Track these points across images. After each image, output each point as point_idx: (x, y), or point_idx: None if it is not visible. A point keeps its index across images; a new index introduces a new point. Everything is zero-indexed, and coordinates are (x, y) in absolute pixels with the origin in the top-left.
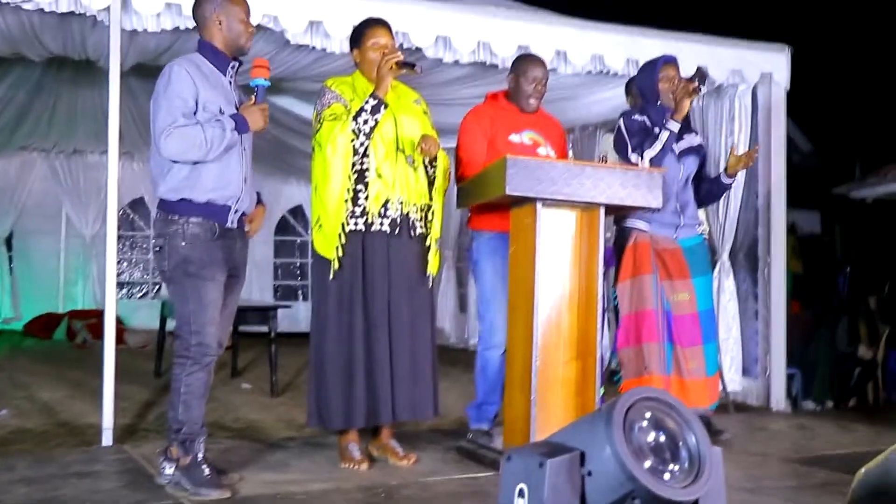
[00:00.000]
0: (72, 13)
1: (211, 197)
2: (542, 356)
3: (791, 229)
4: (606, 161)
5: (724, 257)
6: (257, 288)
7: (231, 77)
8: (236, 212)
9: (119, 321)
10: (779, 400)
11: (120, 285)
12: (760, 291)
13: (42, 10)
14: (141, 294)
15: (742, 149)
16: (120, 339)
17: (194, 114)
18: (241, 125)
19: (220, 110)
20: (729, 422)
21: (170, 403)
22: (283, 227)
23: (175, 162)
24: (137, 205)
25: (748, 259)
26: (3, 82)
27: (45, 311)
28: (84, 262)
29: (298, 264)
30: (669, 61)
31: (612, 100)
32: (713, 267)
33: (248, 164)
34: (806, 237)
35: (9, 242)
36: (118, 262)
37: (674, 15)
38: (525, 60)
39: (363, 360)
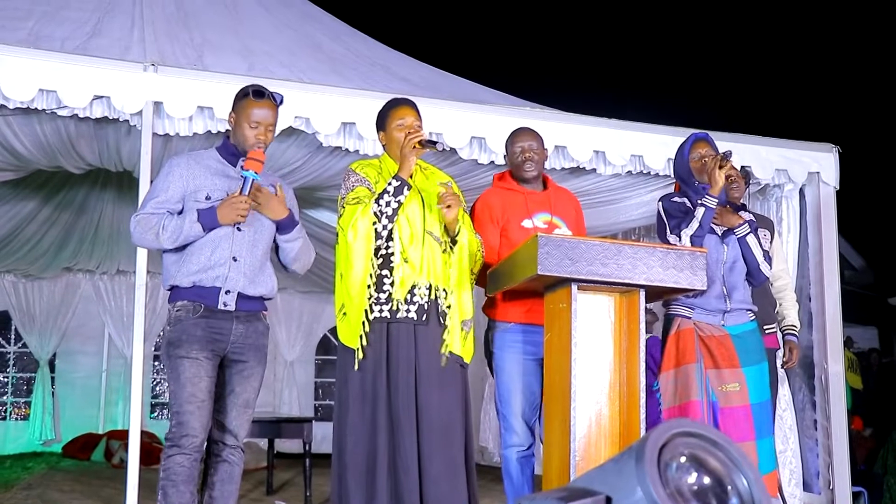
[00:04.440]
0: (106, 118)
1: (195, 279)
2: (581, 451)
3: (847, 343)
4: None
5: (778, 364)
6: (298, 407)
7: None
8: (228, 292)
9: (157, 441)
10: None
11: (161, 405)
12: (819, 399)
13: (76, 116)
14: None
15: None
16: (157, 459)
17: (181, 205)
18: (203, 217)
19: (207, 197)
20: None
21: None
22: (324, 346)
23: (167, 252)
24: None
25: (803, 367)
26: (49, 203)
27: (85, 431)
28: (125, 383)
29: None
30: (700, 139)
31: (655, 202)
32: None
33: (247, 246)
34: (864, 352)
35: (52, 364)
36: (158, 383)
37: (716, 115)
38: (511, 134)
39: (387, 456)
